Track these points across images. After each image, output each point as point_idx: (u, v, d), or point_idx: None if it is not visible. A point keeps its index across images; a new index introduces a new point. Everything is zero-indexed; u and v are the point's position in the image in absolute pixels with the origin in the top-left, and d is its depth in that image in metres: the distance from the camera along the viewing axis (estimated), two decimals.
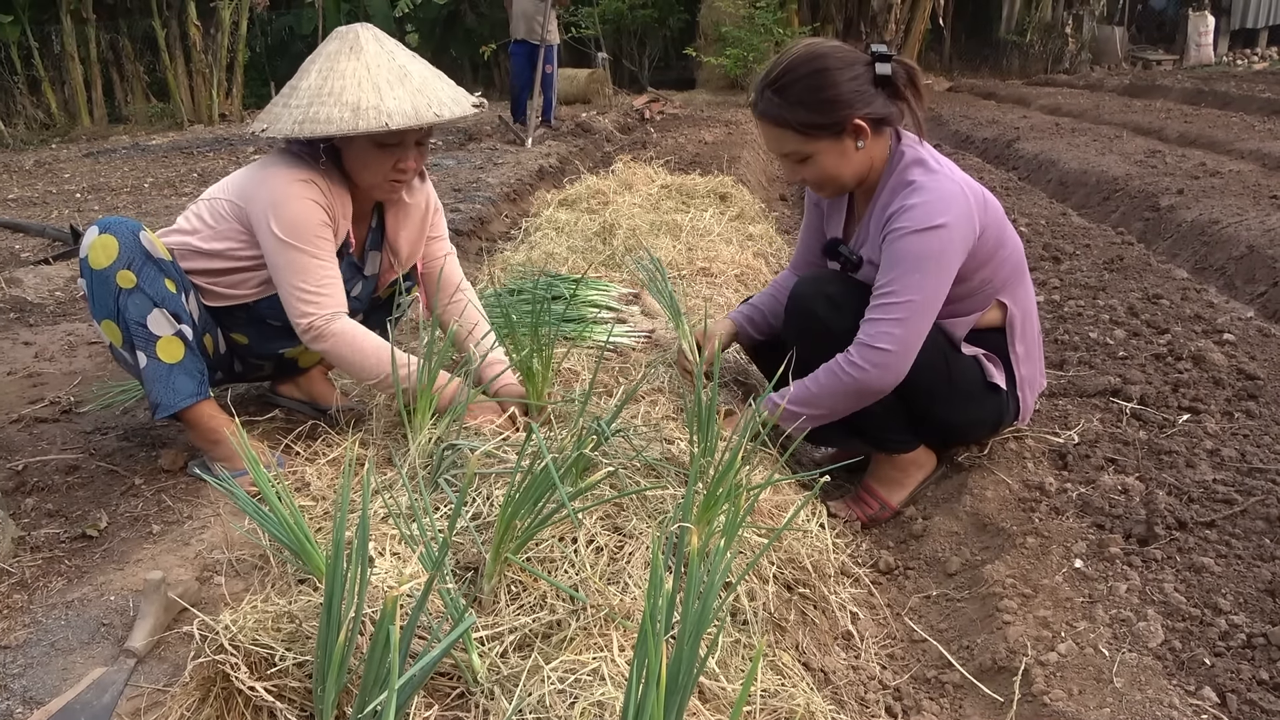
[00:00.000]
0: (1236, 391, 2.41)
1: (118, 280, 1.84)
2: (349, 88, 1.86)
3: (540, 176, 6.25)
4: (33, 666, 1.42)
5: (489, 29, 15.25)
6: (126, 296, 1.84)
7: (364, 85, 1.86)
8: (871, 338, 1.85)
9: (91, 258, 1.84)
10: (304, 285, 1.91)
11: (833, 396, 1.90)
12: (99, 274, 1.83)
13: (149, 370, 1.87)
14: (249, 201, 1.95)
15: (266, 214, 1.90)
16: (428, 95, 1.90)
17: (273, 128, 1.90)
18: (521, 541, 1.41)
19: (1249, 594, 1.62)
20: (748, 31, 12.58)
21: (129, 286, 1.84)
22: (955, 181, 1.88)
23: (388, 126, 1.82)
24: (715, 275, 3.31)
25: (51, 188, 6.92)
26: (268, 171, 1.95)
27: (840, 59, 1.85)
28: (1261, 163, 5.76)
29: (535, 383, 2.05)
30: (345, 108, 1.84)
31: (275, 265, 1.93)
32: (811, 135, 1.88)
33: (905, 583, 1.90)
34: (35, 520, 1.86)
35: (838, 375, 1.88)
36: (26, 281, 3.85)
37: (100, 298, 1.85)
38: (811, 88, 1.84)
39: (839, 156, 1.90)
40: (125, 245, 1.84)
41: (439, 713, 1.22)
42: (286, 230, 1.89)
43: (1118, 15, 17.87)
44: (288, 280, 1.92)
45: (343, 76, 1.87)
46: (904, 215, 1.84)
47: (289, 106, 1.90)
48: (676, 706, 1.00)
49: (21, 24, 11.75)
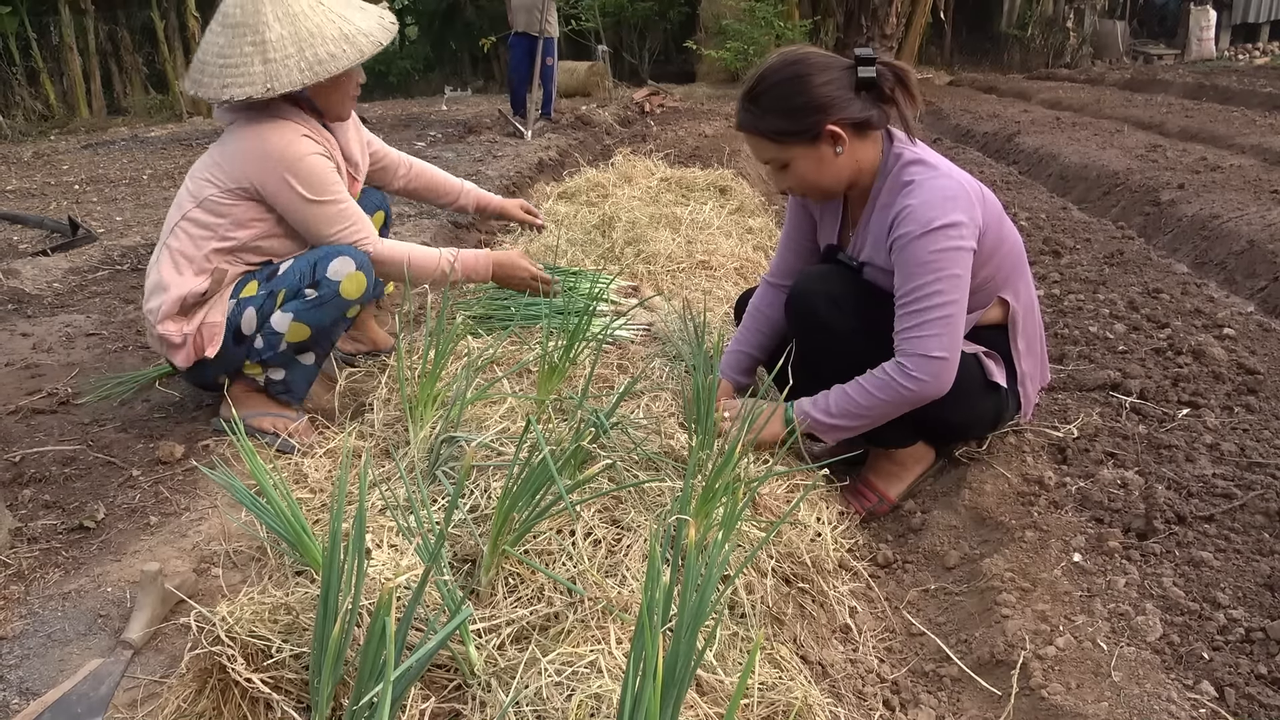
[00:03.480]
0: (1236, 386, 2.41)
1: (348, 311, 2.11)
2: (324, 25, 1.99)
3: (540, 169, 6.23)
4: (29, 658, 1.42)
5: (488, 22, 15.22)
6: (343, 324, 2.16)
7: (332, 17, 2.00)
8: (922, 349, 1.81)
9: (344, 287, 2.06)
10: (339, 230, 2.11)
11: (885, 407, 1.87)
12: (341, 300, 2.07)
13: (308, 371, 2.17)
14: (254, 175, 2.03)
15: (285, 180, 2.02)
16: (373, 13, 2.09)
17: (277, 83, 1.96)
18: (519, 534, 1.41)
19: (1248, 588, 1.62)
20: (748, 25, 12.56)
21: (350, 316, 2.14)
22: (954, 178, 1.87)
23: (381, 45, 2.03)
24: (715, 269, 3.30)
25: (50, 179, 6.90)
26: (262, 140, 2.02)
27: (815, 64, 1.84)
28: (1262, 158, 5.75)
29: (553, 379, 2.05)
30: (337, 42, 1.99)
31: (305, 222, 2.09)
32: (784, 143, 1.87)
33: (903, 576, 1.90)
34: (32, 511, 1.85)
35: (893, 388, 1.83)
36: (24, 273, 3.84)
37: (327, 313, 2.07)
38: (783, 95, 1.84)
39: (816, 163, 1.88)
40: (367, 290, 2.12)
41: (436, 704, 1.22)
42: (312, 189, 2.05)
43: (1119, 9, 17.85)
44: (324, 233, 2.11)
45: (307, 18, 1.98)
46: (909, 218, 1.81)
47: (273, 62, 1.96)
48: (674, 699, 1.00)
49: (20, 15, 11.72)
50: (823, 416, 1.90)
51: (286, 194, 2.03)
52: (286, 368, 2.14)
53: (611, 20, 15.55)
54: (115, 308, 3.35)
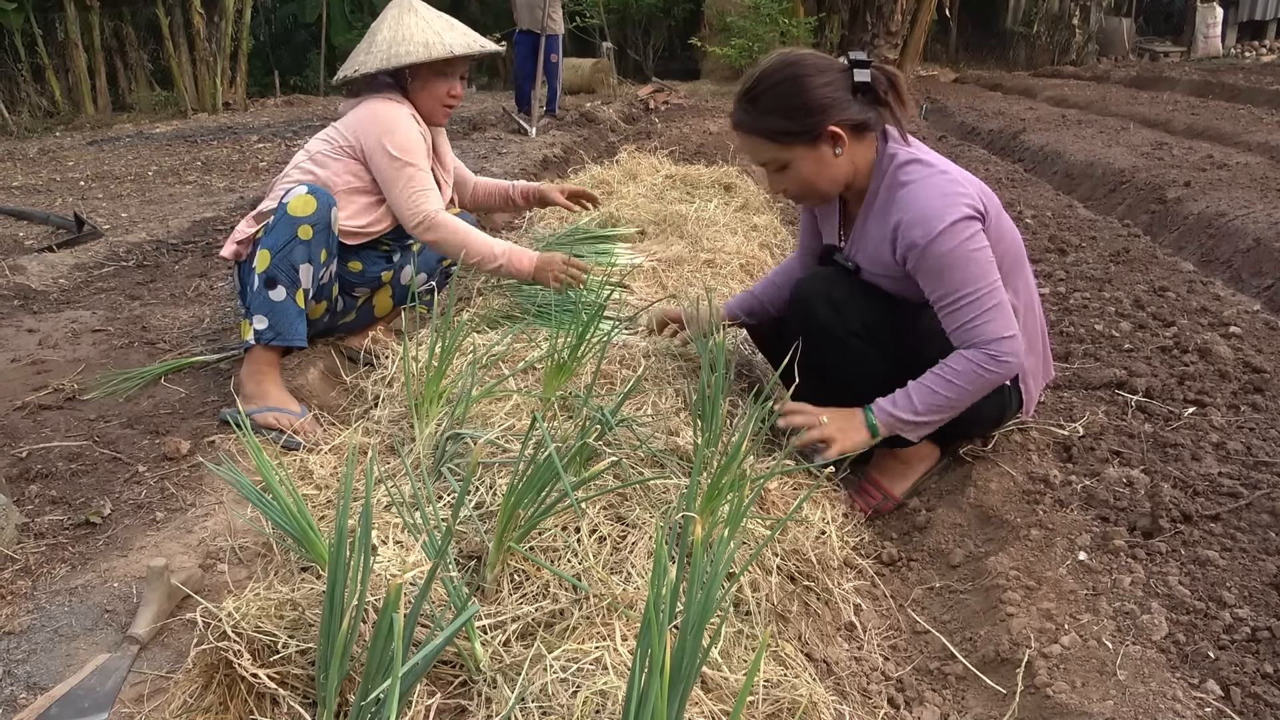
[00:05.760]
0: (1243, 385, 2.40)
1: (299, 230, 2.26)
2: (416, 34, 2.50)
3: (544, 166, 6.23)
4: (36, 653, 1.42)
5: (493, 18, 15.19)
6: (297, 244, 2.26)
7: (427, 30, 2.52)
8: (993, 334, 1.81)
9: (291, 205, 2.27)
10: (415, 190, 2.47)
11: (970, 396, 1.86)
12: (289, 217, 2.26)
13: (284, 305, 2.27)
14: (361, 134, 2.48)
15: (381, 140, 2.45)
16: (469, 36, 2.60)
17: (363, 68, 2.50)
18: (524, 530, 1.41)
19: (1254, 587, 1.62)
20: (753, 22, 12.52)
21: (304, 238, 2.26)
22: (950, 173, 1.86)
23: (452, 53, 2.49)
24: (720, 266, 3.29)
25: (55, 175, 6.92)
26: (374, 108, 2.50)
27: (813, 66, 1.84)
28: (1269, 155, 5.73)
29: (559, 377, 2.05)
30: (418, 45, 2.49)
31: (389, 179, 2.48)
32: (785, 143, 1.86)
33: (908, 574, 1.90)
34: (39, 507, 1.86)
35: (979, 375, 1.82)
36: (30, 269, 3.85)
37: (278, 233, 2.26)
38: (784, 95, 1.83)
39: (816, 164, 1.88)
40: (319, 210, 2.28)
41: (441, 701, 1.22)
42: (400, 149, 2.46)
43: (1125, 6, 17.79)
44: (402, 188, 2.47)
45: (409, 27, 2.52)
46: (912, 226, 1.81)
47: (371, 53, 2.51)
48: (680, 695, 1.00)
49: (25, 11, 11.71)
50: (910, 416, 1.88)
51: (378, 151, 2.45)
52: (266, 313, 2.25)
53: (616, 17, 15.53)
54: (121, 304, 3.36)
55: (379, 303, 2.78)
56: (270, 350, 2.27)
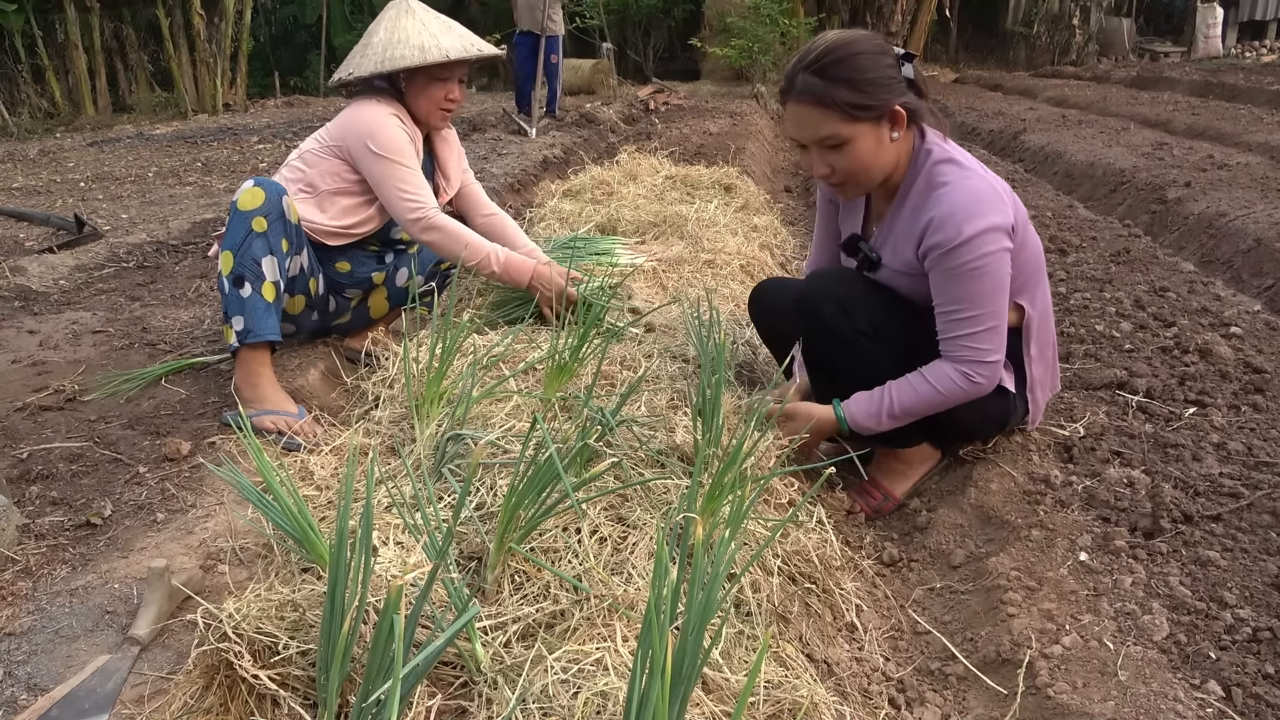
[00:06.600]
0: (1243, 385, 2.40)
1: (252, 224, 2.23)
2: (412, 36, 2.46)
3: (544, 167, 6.23)
4: (37, 653, 1.42)
5: (493, 19, 15.20)
6: (254, 238, 2.23)
7: (423, 34, 2.47)
8: (977, 355, 1.85)
9: (240, 200, 2.25)
10: (407, 188, 2.44)
11: (939, 406, 1.91)
12: (241, 213, 2.24)
13: (251, 300, 2.24)
14: (346, 137, 2.47)
15: (364, 140, 2.43)
16: (467, 39, 2.54)
17: (357, 71, 2.48)
18: (525, 531, 1.41)
19: (1255, 588, 1.61)
20: (753, 22, 12.54)
21: (259, 231, 2.23)
22: (987, 179, 1.85)
23: (448, 57, 2.45)
24: (720, 267, 3.30)
25: (56, 177, 6.92)
26: (359, 111, 2.48)
27: (877, 45, 1.82)
28: (1270, 155, 5.73)
29: (560, 377, 2.05)
30: (413, 48, 2.45)
31: (378, 178, 2.45)
32: (855, 117, 1.79)
33: (909, 575, 1.90)
34: (40, 508, 1.86)
35: (953, 388, 1.87)
36: (31, 270, 3.85)
37: (233, 231, 2.24)
38: (856, 68, 1.77)
39: (875, 144, 1.82)
40: (268, 200, 2.25)
41: (442, 702, 1.22)
42: (384, 148, 2.42)
43: (1125, 7, 17.79)
44: (393, 187, 2.44)
45: (405, 30, 2.48)
46: (944, 225, 1.79)
47: (366, 56, 2.49)
48: (681, 696, 1.00)
49: (25, 12, 11.72)
50: (882, 415, 1.93)
51: (363, 152, 2.43)
52: (240, 312, 2.24)
53: (616, 18, 15.54)
54: (121, 305, 3.36)
55: (374, 304, 2.77)
56: (258, 350, 2.26)
